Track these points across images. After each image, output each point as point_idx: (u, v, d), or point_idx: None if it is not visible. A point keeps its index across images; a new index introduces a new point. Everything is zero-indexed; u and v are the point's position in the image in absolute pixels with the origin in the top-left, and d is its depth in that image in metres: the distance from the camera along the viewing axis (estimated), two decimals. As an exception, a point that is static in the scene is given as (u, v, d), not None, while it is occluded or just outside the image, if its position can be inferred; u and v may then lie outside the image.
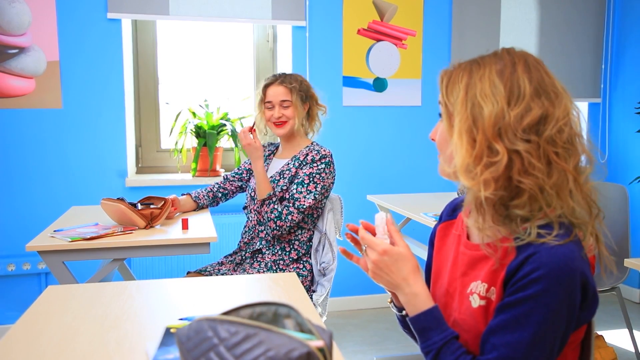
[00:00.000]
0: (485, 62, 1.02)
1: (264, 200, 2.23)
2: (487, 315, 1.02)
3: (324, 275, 2.28)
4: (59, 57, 3.04)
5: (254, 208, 2.29)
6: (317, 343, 0.74)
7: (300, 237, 2.30)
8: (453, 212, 1.23)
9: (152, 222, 2.13)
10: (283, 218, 2.20)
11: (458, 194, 2.34)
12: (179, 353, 0.83)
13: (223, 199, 2.53)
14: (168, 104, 3.50)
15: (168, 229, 2.15)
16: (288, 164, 2.33)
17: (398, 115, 3.53)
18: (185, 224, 2.13)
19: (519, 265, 0.96)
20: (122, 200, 2.12)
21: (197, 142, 3.34)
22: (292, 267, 2.28)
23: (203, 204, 2.50)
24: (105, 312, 1.30)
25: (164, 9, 3.10)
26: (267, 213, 2.22)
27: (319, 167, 2.26)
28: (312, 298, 2.21)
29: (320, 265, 2.28)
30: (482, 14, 3.56)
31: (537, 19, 3.65)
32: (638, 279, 3.64)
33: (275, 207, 2.21)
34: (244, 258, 2.35)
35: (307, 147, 2.36)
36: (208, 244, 2.06)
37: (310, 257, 2.32)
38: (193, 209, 2.49)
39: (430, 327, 1.05)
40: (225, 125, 3.38)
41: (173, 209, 2.33)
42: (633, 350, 2.65)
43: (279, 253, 2.28)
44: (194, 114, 3.43)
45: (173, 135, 3.35)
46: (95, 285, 1.51)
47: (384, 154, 3.54)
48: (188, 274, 2.30)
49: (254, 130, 2.33)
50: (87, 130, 3.12)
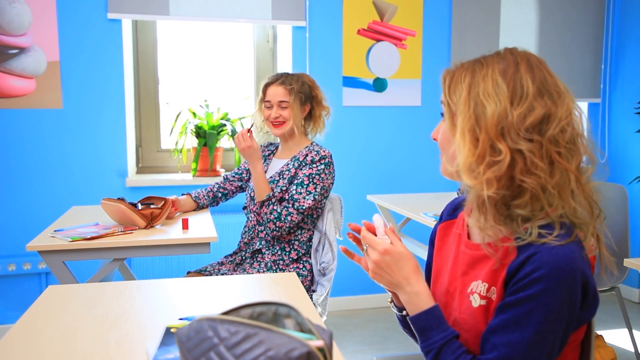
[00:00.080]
0: (488, 61, 1.02)
1: (263, 202, 2.23)
2: (487, 315, 1.02)
3: (324, 275, 2.28)
4: (60, 57, 3.04)
5: (254, 209, 2.29)
6: (317, 343, 0.74)
7: (300, 237, 2.30)
8: (454, 211, 1.24)
9: (152, 222, 2.14)
10: (282, 219, 2.20)
11: (458, 194, 2.34)
12: (179, 353, 0.83)
13: (223, 199, 2.53)
14: (168, 104, 3.50)
15: (168, 229, 2.15)
16: (287, 165, 2.33)
17: (398, 116, 3.53)
18: (186, 224, 2.14)
19: (520, 265, 0.96)
20: (122, 200, 2.12)
21: (197, 142, 3.35)
22: (292, 267, 2.28)
23: (203, 204, 2.50)
24: (106, 311, 1.30)
25: (164, 9, 3.11)
26: (266, 214, 2.22)
27: (319, 167, 2.25)
28: (312, 298, 2.21)
29: (320, 265, 2.28)
30: (482, 14, 3.56)
31: (536, 19, 3.65)
32: (637, 279, 3.64)
33: (275, 208, 2.21)
34: (244, 258, 2.35)
35: (306, 147, 2.35)
36: (208, 244, 2.06)
37: (310, 257, 2.32)
38: (193, 209, 2.49)
39: (431, 326, 1.05)
40: (226, 126, 3.38)
41: (173, 209, 2.34)
42: (633, 350, 2.65)
43: (279, 253, 2.28)
44: (194, 114, 3.43)
45: (173, 135, 3.36)
46: (96, 285, 1.51)
47: (384, 154, 3.54)
48: (188, 274, 2.30)
49: (251, 132, 2.33)
50: (87, 131, 3.12)
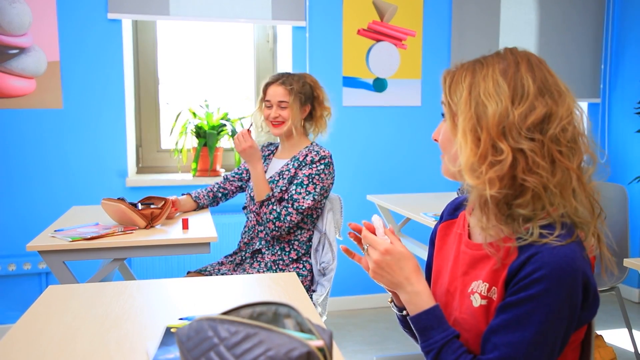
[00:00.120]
0: (488, 61, 1.02)
1: (263, 202, 2.23)
2: (488, 315, 1.02)
3: (324, 275, 2.28)
4: (60, 57, 3.04)
5: (253, 209, 2.29)
6: (317, 343, 0.74)
7: (300, 237, 2.30)
8: (454, 211, 1.24)
9: (152, 222, 2.14)
10: (282, 219, 2.20)
11: (458, 194, 2.34)
12: (179, 353, 0.83)
13: (223, 199, 2.53)
14: (168, 104, 3.50)
15: (168, 229, 2.15)
16: (287, 165, 2.33)
17: (398, 116, 3.53)
18: (186, 224, 2.14)
19: (521, 265, 0.96)
20: (122, 200, 2.12)
21: (197, 142, 3.35)
22: (291, 267, 2.28)
23: (203, 204, 2.50)
24: (106, 311, 1.30)
25: (164, 9, 3.11)
26: (265, 214, 2.22)
27: (318, 168, 2.25)
28: (312, 298, 2.21)
29: (320, 265, 2.28)
30: (481, 14, 3.56)
31: (536, 20, 3.65)
32: (637, 279, 3.64)
33: (274, 208, 2.21)
34: (244, 258, 2.35)
35: (306, 147, 2.35)
36: (208, 244, 2.06)
37: (310, 257, 2.32)
38: (193, 209, 2.49)
39: (432, 326, 1.05)
40: (226, 126, 3.39)
41: (173, 209, 2.34)
42: (632, 350, 2.65)
43: (279, 253, 2.28)
44: (194, 114, 3.43)
45: (173, 136, 3.36)
46: (96, 285, 1.51)
47: (384, 154, 3.54)
48: (188, 274, 2.30)
49: (250, 132, 2.33)
50: (87, 131, 3.12)
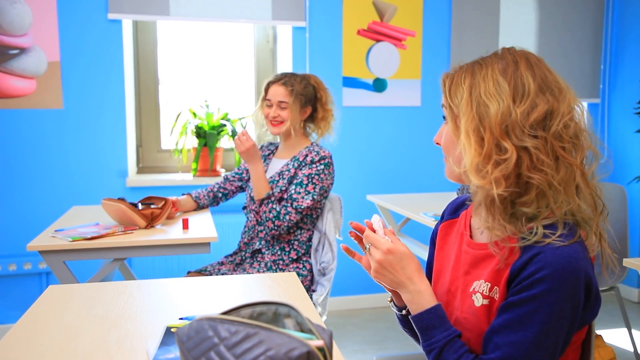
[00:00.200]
0: (487, 62, 1.03)
1: (263, 200, 2.23)
2: (489, 315, 1.02)
3: (324, 275, 2.28)
4: (60, 57, 3.04)
5: (253, 208, 2.29)
6: (317, 342, 0.74)
7: (300, 237, 2.31)
8: (455, 211, 1.24)
9: (152, 222, 2.14)
10: (281, 218, 2.20)
11: (458, 194, 2.34)
12: (179, 352, 0.83)
13: (223, 199, 2.54)
14: (168, 104, 3.50)
15: (168, 229, 2.15)
16: (287, 165, 2.33)
17: (398, 116, 3.54)
18: (186, 224, 2.14)
19: (524, 265, 0.96)
20: (122, 200, 2.12)
21: (197, 142, 3.35)
22: (291, 267, 2.28)
23: (203, 204, 2.50)
24: (106, 311, 1.30)
25: (165, 10, 3.11)
26: (265, 213, 2.22)
27: (318, 168, 2.26)
28: (312, 298, 2.21)
29: (320, 265, 2.28)
30: (481, 15, 3.57)
31: (536, 20, 3.66)
32: (637, 279, 3.65)
33: (274, 206, 2.22)
34: (244, 258, 2.35)
35: (306, 147, 2.36)
36: (208, 244, 2.06)
37: (310, 256, 2.33)
38: (193, 209, 2.49)
39: (434, 325, 1.05)
40: (226, 126, 3.39)
41: (174, 209, 2.34)
42: (632, 350, 2.65)
43: (279, 253, 2.28)
44: (195, 114, 3.44)
45: (173, 136, 3.36)
46: (96, 285, 1.51)
47: (384, 154, 3.54)
48: (188, 274, 2.31)
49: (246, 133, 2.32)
50: (87, 131, 3.13)
